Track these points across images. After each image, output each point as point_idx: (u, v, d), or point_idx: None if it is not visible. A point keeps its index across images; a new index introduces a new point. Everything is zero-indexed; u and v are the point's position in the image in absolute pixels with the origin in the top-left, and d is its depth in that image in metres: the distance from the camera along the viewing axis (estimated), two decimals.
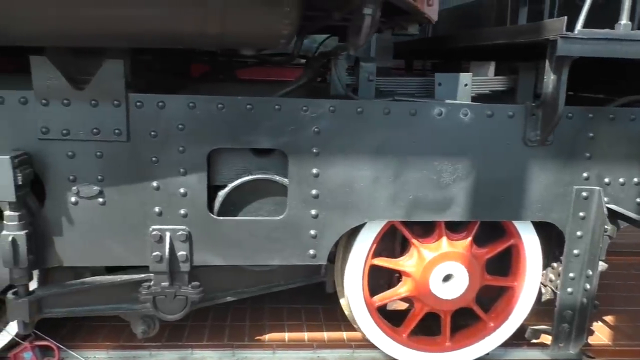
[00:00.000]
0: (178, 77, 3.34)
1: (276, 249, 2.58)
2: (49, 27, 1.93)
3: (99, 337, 3.10)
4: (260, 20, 2.03)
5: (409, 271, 2.77)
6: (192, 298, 2.59)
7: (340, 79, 2.69)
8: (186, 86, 2.95)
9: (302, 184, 2.52)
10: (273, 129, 2.44)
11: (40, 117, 2.30)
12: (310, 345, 3.13)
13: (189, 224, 2.50)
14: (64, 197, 2.40)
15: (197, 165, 2.44)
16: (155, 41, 2.12)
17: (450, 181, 2.58)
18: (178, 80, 3.19)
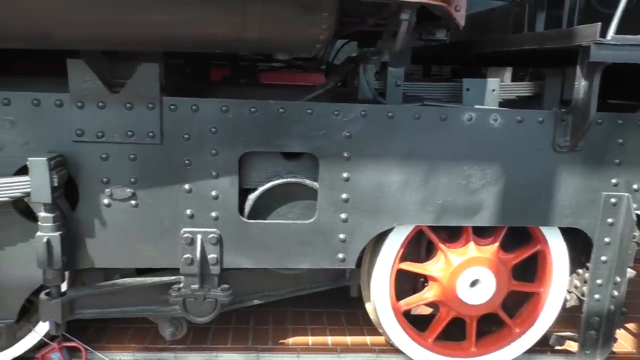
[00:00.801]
0: (198, 81, 3.37)
1: (306, 252, 2.59)
2: (93, 31, 1.96)
3: (125, 339, 3.11)
4: (298, 25, 2.05)
5: (436, 276, 2.77)
6: (221, 301, 2.60)
7: (369, 84, 2.71)
8: (213, 90, 2.98)
9: (332, 188, 2.53)
10: (304, 133, 2.46)
11: (75, 119, 2.32)
12: (334, 349, 3.13)
13: (220, 226, 2.51)
14: (97, 199, 2.42)
15: (229, 168, 2.46)
16: (193, 45, 2.14)
17: (480, 186, 2.59)
18: (203, 84, 3.22)
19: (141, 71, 2.30)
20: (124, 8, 1.88)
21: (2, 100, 2.28)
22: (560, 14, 4.38)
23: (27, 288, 2.50)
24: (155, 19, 1.94)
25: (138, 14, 1.91)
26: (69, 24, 1.92)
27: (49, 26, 1.92)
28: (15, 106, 2.29)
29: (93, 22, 1.92)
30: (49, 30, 1.93)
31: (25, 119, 2.31)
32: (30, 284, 2.49)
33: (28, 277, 2.47)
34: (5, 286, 2.47)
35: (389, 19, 2.26)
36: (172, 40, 2.05)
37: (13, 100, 2.29)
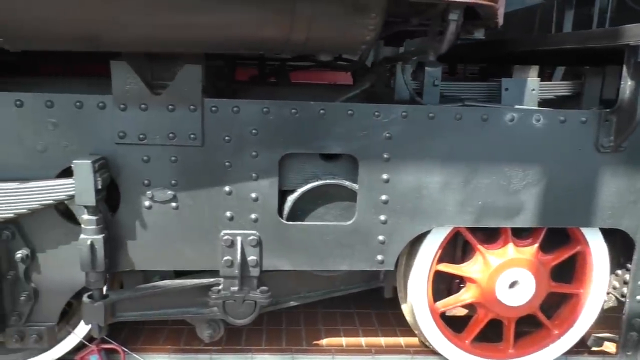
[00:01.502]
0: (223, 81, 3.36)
1: (345, 254, 2.58)
2: (144, 33, 1.95)
3: (159, 340, 3.11)
4: (346, 26, 2.03)
5: (474, 277, 2.75)
6: (261, 302, 2.59)
7: (407, 84, 2.69)
8: (244, 90, 2.97)
9: (372, 190, 2.51)
10: (345, 134, 2.44)
11: (118, 121, 2.32)
12: (369, 350, 3.12)
13: (260, 228, 2.51)
14: (138, 201, 2.42)
15: (269, 170, 2.45)
16: (240, 47, 2.13)
17: (520, 187, 2.56)
18: (232, 84, 3.21)
19: (184, 73, 2.29)
20: (176, 10, 1.87)
21: (45, 103, 2.28)
22: (590, 13, 4.33)
23: (68, 291, 2.51)
24: (205, 21, 1.92)
25: (189, 16, 1.90)
26: (120, 26, 1.91)
27: (100, 29, 1.91)
28: (58, 108, 2.30)
29: (144, 25, 1.91)
30: (100, 33, 1.93)
31: (68, 121, 2.31)
32: (72, 286, 2.50)
33: (70, 279, 2.48)
34: (47, 289, 2.48)
35: (434, 19, 2.23)
36: (220, 42, 2.04)
37: (56, 103, 2.29)
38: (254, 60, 3.96)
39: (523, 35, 4.65)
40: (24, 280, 2.43)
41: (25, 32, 1.89)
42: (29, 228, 2.41)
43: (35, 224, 2.41)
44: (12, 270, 2.41)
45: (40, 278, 2.46)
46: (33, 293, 2.46)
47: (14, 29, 1.87)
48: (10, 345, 2.50)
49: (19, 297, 2.44)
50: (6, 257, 2.39)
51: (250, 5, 1.90)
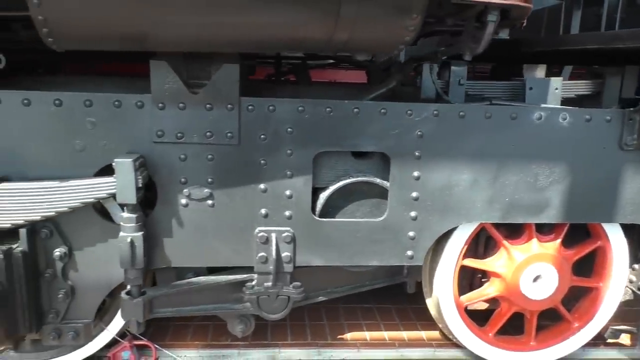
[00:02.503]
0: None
1: (376, 250, 2.63)
2: (189, 33, 1.98)
3: (187, 336, 3.15)
4: (387, 26, 2.08)
5: (499, 272, 2.82)
6: (294, 298, 2.64)
7: (435, 83, 2.74)
8: (269, 89, 3.00)
9: (403, 187, 2.57)
10: (378, 133, 2.49)
11: (156, 120, 2.35)
12: (392, 344, 3.18)
13: (294, 225, 2.55)
14: (175, 199, 2.45)
15: (304, 168, 2.49)
16: (282, 47, 2.17)
17: (547, 184, 2.63)
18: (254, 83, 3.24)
19: (222, 72, 2.32)
20: (224, 11, 1.90)
21: (84, 102, 2.30)
22: (599, 13, 4.40)
23: (105, 288, 2.54)
24: (253, 21, 1.95)
25: (237, 16, 1.93)
26: (168, 27, 1.94)
27: (148, 30, 1.93)
28: (96, 107, 2.32)
29: (192, 25, 1.94)
30: (147, 34, 1.95)
31: (106, 120, 2.33)
32: (108, 284, 2.52)
33: (106, 277, 2.50)
34: (84, 286, 2.50)
35: (469, 19, 2.28)
36: (265, 42, 2.08)
37: (95, 102, 2.31)
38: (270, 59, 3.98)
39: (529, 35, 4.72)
40: (62, 278, 2.45)
41: (75, 33, 1.91)
42: (66, 226, 2.43)
43: (73, 222, 2.42)
44: (50, 268, 2.43)
45: (78, 276, 2.48)
46: (70, 291, 2.48)
47: (65, 30, 1.88)
48: (48, 342, 2.52)
49: (57, 295, 2.46)
50: (44, 255, 2.41)
51: (297, 6, 1.94)
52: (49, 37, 1.90)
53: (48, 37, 1.90)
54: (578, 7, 4.55)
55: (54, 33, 1.89)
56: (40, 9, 1.78)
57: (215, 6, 1.89)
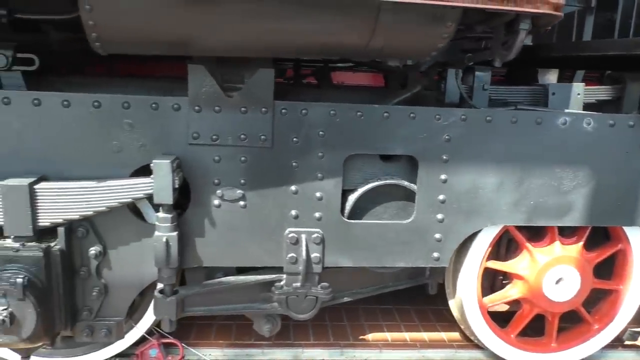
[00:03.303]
0: None
1: (403, 251, 2.68)
2: (232, 39, 2.03)
3: (210, 336, 3.20)
4: (423, 34, 2.13)
5: (522, 274, 2.87)
6: (322, 298, 2.69)
7: (460, 88, 2.80)
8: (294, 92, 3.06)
9: (430, 190, 2.62)
10: (407, 136, 2.54)
11: (192, 122, 2.40)
12: (414, 345, 3.23)
13: (323, 226, 2.60)
14: (208, 199, 2.50)
15: (334, 170, 2.54)
16: (319, 53, 2.22)
17: (570, 188, 2.68)
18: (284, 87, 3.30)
19: (257, 76, 2.37)
20: (266, 19, 1.96)
21: (122, 104, 2.35)
22: (612, 19, 4.47)
23: (137, 286, 2.58)
24: (293, 28, 2.01)
25: (278, 23, 1.99)
26: (212, 33, 2.00)
27: (193, 36, 1.99)
28: (134, 109, 2.37)
29: (235, 32, 2.00)
30: (192, 39, 2.01)
31: (143, 122, 2.38)
32: (141, 282, 2.57)
33: (138, 275, 2.55)
34: (117, 284, 2.54)
35: (499, 27, 2.34)
36: (302, 48, 2.13)
37: (132, 104, 2.36)
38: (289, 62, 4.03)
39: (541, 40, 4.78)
40: (96, 276, 2.49)
41: (122, 38, 1.96)
42: (101, 225, 2.47)
43: (108, 221, 2.47)
44: (85, 266, 2.47)
45: (111, 274, 2.53)
46: (104, 288, 2.52)
47: (113, 35, 1.94)
48: (81, 339, 2.57)
49: (91, 293, 2.50)
50: (80, 253, 2.46)
51: (337, 13, 1.99)
52: (97, 41, 1.96)
53: (96, 41, 1.96)
54: (591, 13, 4.62)
55: (102, 37, 1.95)
56: (91, 14, 1.84)
57: (259, 13, 1.95)
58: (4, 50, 2.47)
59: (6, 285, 2.17)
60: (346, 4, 1.93)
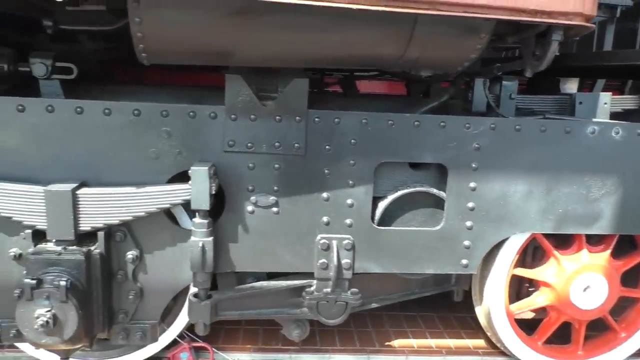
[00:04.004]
0: None
1: (432, 258, 2.72)
2: (272, 51, 2.10)
3: (238, 340, 3.24)
4: (457, 45, 2.19)
5: (549, 282, 2.88)
6: (352, 304, 2.72)
7: (488, 97, 2.84)
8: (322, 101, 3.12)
9: (459, 197, 2.65)
10: (437, 145, 2.58)
11: (228, 130, 2.46)
12: (439, 351, 3.25)
13: (354, 233, 2.64)
14: (242, 206, 2.55)
15: (365, 178, 2.59)
16: (356, 63, 2.28)
17: (599, 196, 2.70)
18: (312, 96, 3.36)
19: (292, 86, 2.43)
20: (305, 31, 2.02)
21: (161, 112, 2.42)
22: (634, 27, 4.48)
23: (172, 290, 2.63)
24: (332, 40, 2.07)
25: (317, 36, 2.05)
26: (253, 44, 2.06)
27: (234, 47, 2.06)
28: (172, 118, 2.43)
29: (276, 43, 2.06)
30: (233, 51, 2.07)
31: (181, 130, 2.45)
32: (175, 286, 2.62)
33: (173, 280, 2.60)
34: (152, 288, 2.60)
35: (530, 37, 2.38)
36: (338, 59, 2.19)
37: (171, 112, 2.43)
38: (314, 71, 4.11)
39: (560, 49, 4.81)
40: (132, 280, 2.55)
41: (168, 49, 2.03)
42: (138, 230, 2.54)
43: (144, 226, 2.53)
44: (122, 270, 2.53)
45: (146, 278, 2.58)
46: (139, 292, 2.58)
47: (160, 47, 2.01)
48: (116, 341, 2.62)
49: (127, 296, 2.56)
50: (117, 257, 2.52)
51: (374, 25, 2.05)
52: (144, 52, 2.03)
53: (142, 52, 2.03)
54: (612, 22, 4.64)
55: (148, 48, 2.02)
56: (140, 26, 1.91)
57: (300, 26, 2.01)
58: (44, 60, 2.56)
59: (50, 288, 2.23)
60: (384, 16, 1.98)
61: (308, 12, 1.87)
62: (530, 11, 2.05)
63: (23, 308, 2.24)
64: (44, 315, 2.21)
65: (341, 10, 1.88)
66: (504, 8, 2.01)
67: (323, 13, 1.93)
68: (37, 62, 2.55)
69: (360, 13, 1.88)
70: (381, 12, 1.89)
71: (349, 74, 3.69)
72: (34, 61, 2.55)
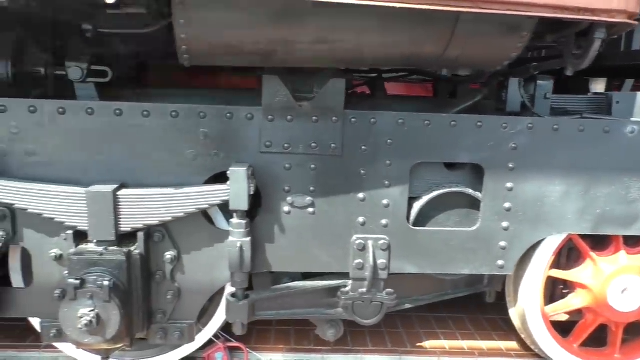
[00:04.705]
0: None
1: (467, 259, 2.70)
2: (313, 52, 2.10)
3: (270, 340, 3.25)
4: (498, 44, 2.17)
5: (586, 283, 2.85)
6: (387, 304, 2.72)
7: (523, 97, 2.82)
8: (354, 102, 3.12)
9: (496, 198, 2.63)
10: (473, 145, 2.57)
11: (265, 131, 2.47)
12: (472, 353, 3.22)
13: (389, 233, 2.63)
14: (278, 206, 2.56)
15: (401, 178, 2.58)
16: (393, 63, 2.28)
17: (638, 196, 2.66)
18: None
19: (330, 86, 2.44)
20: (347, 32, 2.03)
21: (199, 114, 2.44)
22: None
23: (209, 290, 2.65)
24: (374, 40, 2.07)
25: (360, 37, 2.05)
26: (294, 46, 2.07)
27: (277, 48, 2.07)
28: (209, 119, 2.45)
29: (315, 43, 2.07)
30: (275, 52, 2.09)
31: (218, 131, 2.47)
32: (212, 287, 2.64)
33: (210, 280, 2.62)
34: (190, 288, 2.62)
35: (570, 36, 2.36)
36: (378, 59, 2.19)
37: (208, 114, 2.45)
38: None
39: None
40: (170, 280, 2.57)
41: (211, 51, 2.05)
42: (176, 231, 2.56)
43: (182, 226, 2.55)
44: (160, 270, 2.55)
45: (184, 278, 2.60)
46: (177, 292, 2.60)
47: (203, 48, 2.03)
48: (154, 341, 2.65)
49: (165, 296, 2.58)
50: (156, 257, 2.54)
51: (415, 24, 2.05)
52: (186, 53, 2.05)
53: (185, 54, 2.05)
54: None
55: (191, 50, 2.03)
56: (185, 28, 1.93)
57: (342, 27, 2.01)
58: (80, 64, 2.60)
59: (93, 288, 2.26)
60: (425, 15, 1.97)
61: (351, 12, 1.87)
62: (574, 9, 2.03)
63: (67, 308, 2.27)
64: (88, 314, 2.24)
65: (384, 10, 1.88)
66: (548, 6, 2.00)
67: (365, 12, 1.93)
68: (72, 66, 2.60)
69: (402, 12, 1.88)
70: (424, 10, 1.89)
71: (377, 75, 3.67)
72: (70, 65, 2.59)
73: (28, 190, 2.34)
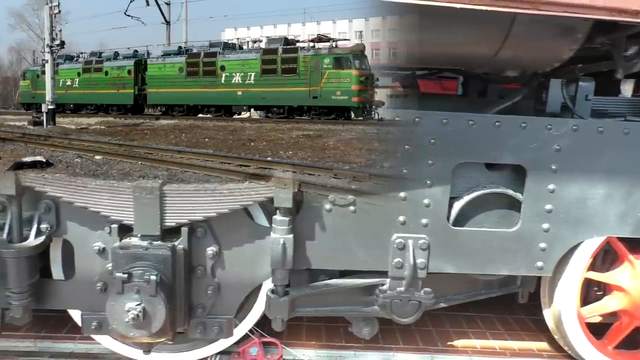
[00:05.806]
0: None
1: (507, 259, 2.69)
2: None
3: (301, 337, 3.26)
4: (551, 45, 2.16)
5: (624, 286, 2.84)
6: (425, 303, 2.72)
7: (565, 99, 2.79)
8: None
9: (537, 199, 2.62)
10: (516, 146, 2.55)
11: None
12: (503, 353, 3.22)
13: (429, 233, 2.63)
14: (320, 204, 2.57)
15: (443, 178, 2.58)
16: (445, 63, 2.26)
17: None
18: None
19: None
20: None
21: None
22: None
23: (248, 286, 2.67)
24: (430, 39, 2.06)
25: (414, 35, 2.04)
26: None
27: None
28: None
29: None
30: None
31: None
32: (252, 282, 2.66)
33: (250, 276, 2.64)
34: (230, 284, 2.63)
35: (621, 38, 2.33)
36: (431, 59, 2.18)
37: None
38: None
39: None
40: (211, 275, 2.59)
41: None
42: (218, 227, 2.57)
43: (224, 222, 2.56)
44: (202, 266, 2.57)
45: (224, 273, 2.62)
46: (217, 287, 2.61)
47: None
48: (194, 335, 2.67)
49: (206, 291, 2.60)
50: (197, 253, 2.56)
51: (472, 25, 2.03)
52: None
53: None
54: None
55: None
56: None
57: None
58: None
59: (140, 282, 2.27)
60: (482, 16, 1.96)
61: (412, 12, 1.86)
62: (632, 12, 2.01)
63: (113, 301, 2.29)
64: (134, 308, 2.25)
65: (442, 10, 1.87)
66: (605, 8, 1.98)
67: (423, 14, 1.92)
68: None
69: (461, 12, 1.87)
70: (483, 11, 1.87)
71: (411, 73, 3.66)
72: None
73: (74, 184, 2.36)
